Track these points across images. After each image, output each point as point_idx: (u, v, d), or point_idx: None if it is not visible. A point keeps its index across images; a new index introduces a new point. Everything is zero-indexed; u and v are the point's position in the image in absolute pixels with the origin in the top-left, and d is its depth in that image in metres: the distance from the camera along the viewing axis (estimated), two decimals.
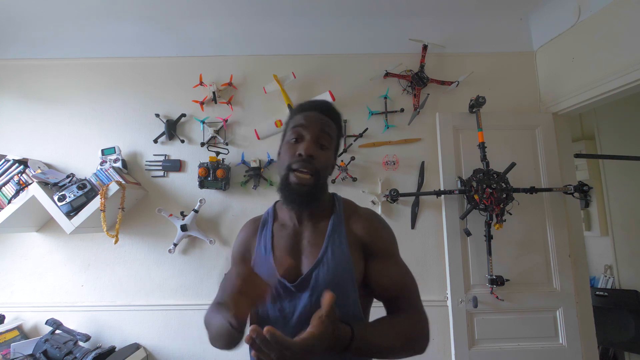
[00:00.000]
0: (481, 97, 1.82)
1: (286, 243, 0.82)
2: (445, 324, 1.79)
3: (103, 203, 1.71)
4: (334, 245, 0.79)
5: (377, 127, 2.00)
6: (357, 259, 0.80)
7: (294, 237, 0.82)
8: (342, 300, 0.75)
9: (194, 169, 1.97)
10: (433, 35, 1.98)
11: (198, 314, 1.86)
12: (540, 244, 1.85)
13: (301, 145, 0.78)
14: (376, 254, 0.82)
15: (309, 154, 0.76)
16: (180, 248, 1.92)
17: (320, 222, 0.83)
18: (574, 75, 1.83)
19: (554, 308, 1.80)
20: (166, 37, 2.04)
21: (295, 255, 0.80)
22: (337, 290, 0.73)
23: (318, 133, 0.79)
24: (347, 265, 0.77)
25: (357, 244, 0.81)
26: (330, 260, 0.77)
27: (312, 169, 0.77)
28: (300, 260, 0.79)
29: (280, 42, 2.05)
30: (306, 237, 0.82)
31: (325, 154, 0.80)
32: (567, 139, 1.99)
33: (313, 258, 0.78)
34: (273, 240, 0.83)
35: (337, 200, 0.88)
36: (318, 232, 0.82)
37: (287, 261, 0.78)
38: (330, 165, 0.83)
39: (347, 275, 0.77)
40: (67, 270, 1.92)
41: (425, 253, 1.90)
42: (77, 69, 2.07)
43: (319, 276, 0.76)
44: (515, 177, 1.80)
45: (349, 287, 0.77)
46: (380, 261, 0.81)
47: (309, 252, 0.80)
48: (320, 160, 0.78)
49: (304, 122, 0.80)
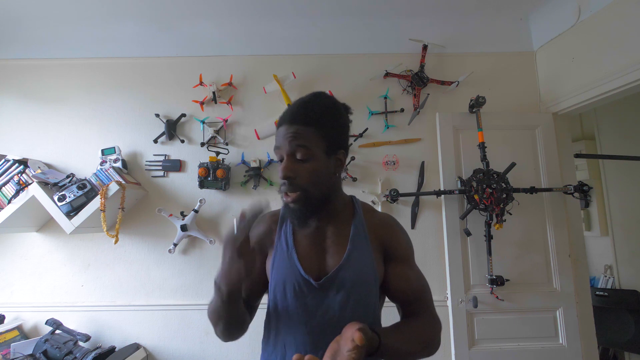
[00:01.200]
0: (481, 97, 1.82)
1: (309, 241, 0.81)
2: (445, 324, 1.78)
3: (103, 203, 1.70)
4: (359, 247, 0.80)
5: (377, 127, 2.00)
6: (378, 262, 0.81)
7: (317, 236, 0.82)
8: (366, 300, 0.78)
9: (194, 169, 1.96)
10: (433, 35, 1.98)
11: (198, 314, 1.86)
12: (540, 244, 1.85)
13: (279, 168, 0.77)
14: (396, 257, 0.83)
15: (285, 177, 0.75)
16: (180, 248, 1.92)
17: (341, 223, 0.84)
18: (574, 75, 1.82)
19: (554, 308, 1.80)
20: (166, 37, 2.03)
21: (320, 254, 0.80)
22: (363, 291, 0.77)
23: (290, 150, 0.75)
24: (371, 267, 0.79)
25: (378, 248, 0.82)
26: (356, 261, 0.78)
27: (296, 188, 0.75)
28: (324, 260, 0.80)
29: (280, 42, 2.04)
30: (330, 237, 0.82)
31: (307, 166, 0.75)
32: (567, 139, 1.99)
33: (338, 257, 0.78)
34: (295, 237, 0.82)
35: (356, 203, 0.88)
36: (341, 233, 0.82)
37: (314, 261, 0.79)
38: (321, 174, 0.77)
39: (371, 277, 0.78)
40: (67, 270, 1.92)
41: (425, 253, 1.89)
42: (77, 69, 2.07)
43: (345, 276, 0.76)
44: (515, 177, 1.80)
45: (372, 288, 0.79)
46: (399, 265, 0.83)
47: (334, 252, 0.80)
48: (302, 175, 0.75)
49: (277, 144, 0.79)
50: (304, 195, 0.76)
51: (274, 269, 0.81)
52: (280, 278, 0.79)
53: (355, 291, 0.76)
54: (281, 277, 0.79)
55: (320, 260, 0.80)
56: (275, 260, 0.81)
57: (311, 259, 0.79)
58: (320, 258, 0.80)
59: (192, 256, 1.92)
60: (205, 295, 1.89)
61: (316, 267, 0.79)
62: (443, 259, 1.88)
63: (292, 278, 0.77)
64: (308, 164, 0.75)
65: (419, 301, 0.82)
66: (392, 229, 0.86)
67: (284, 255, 0.81)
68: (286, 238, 0.83)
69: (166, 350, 1.85)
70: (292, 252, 0.80)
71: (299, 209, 0.77)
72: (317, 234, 0.82)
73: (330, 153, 0.79)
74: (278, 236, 0.84)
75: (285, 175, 0.75)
